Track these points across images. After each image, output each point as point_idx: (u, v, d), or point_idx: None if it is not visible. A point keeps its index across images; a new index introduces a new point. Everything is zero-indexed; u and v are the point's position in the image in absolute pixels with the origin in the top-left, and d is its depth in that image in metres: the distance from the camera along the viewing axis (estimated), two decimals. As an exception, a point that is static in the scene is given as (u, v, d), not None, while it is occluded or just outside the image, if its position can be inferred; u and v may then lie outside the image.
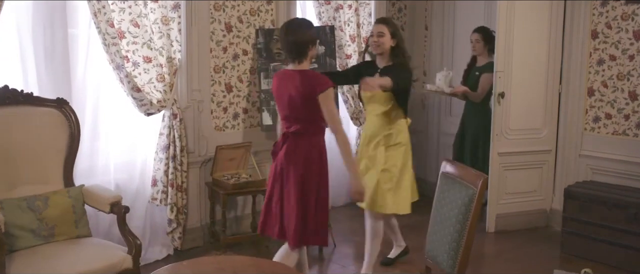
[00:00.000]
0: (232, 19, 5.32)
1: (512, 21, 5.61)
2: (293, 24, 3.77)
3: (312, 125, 3.67)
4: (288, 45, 3.64)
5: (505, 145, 5.72)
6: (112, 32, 4.40)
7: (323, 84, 3.58)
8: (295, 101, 3.62)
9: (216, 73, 5.29)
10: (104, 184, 4.58)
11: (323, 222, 3.69)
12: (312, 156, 3.68)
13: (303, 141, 3.68)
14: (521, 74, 5.69)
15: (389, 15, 6.62)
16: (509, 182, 5.82)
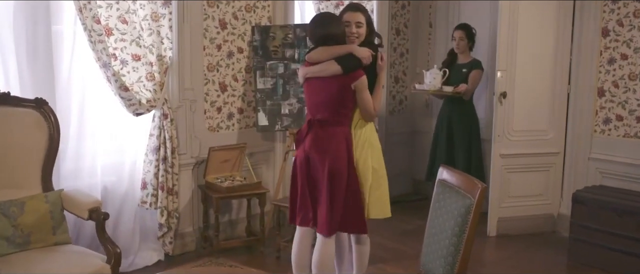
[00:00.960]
0: (226, 15, 5.12)
1: (515, 19, 5.46)
2: (326, 18, 3.84)
3: (339, 115, 3.68)
4: (324, 38, 3.68)
5: (507, 146, 5.57)
6: (98, 29, 4.22)
7: (359, 73, 3.64)
8: (330, 88, 3.64)
9: (210, 72, 5.10)
10: (91, 186, 4.43)
11: (356, 209, 3.68)
12: (339, 145, 3.67)
13: (330, 129, 3.69)
14: (525, 73, 5.54)
15: (392, 12, 6.42)
16: (512, 185, 5.67)
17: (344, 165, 3.62)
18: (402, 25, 6.54)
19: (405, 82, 6.65)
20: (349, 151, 3.68)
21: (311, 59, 3.73)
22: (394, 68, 6.52)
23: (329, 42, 3.65)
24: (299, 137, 3.82)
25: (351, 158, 3.69)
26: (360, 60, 3.67)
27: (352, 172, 3.67)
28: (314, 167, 3.68)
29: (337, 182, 3.61)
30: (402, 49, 6.58)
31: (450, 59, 5.91)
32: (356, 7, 3.95)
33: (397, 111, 6.67)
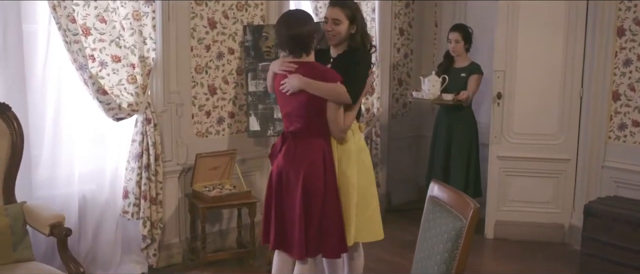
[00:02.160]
0: (216, 14, 4.84)
1: (515, 17, 5.25)
2: (293, 16, 3.44)
3: (315, 125, 3.35)
4: (292, 39, 3.28)
5: (506, 149, 5.44)
6: (74, 29, 3.96)
7: (333, 77, 3.29)
8: (299, 97, 3.29)
9: (198, 74, 4.82)
10: (68, 195, 4.19)
11: (333, 230, 3.35)
12: (314, 159, 3.34)
13: (303, 142, 3.36)
14: (527, 74, 5.33)
15: (396, 11, 6.11)
16: (512, 189, 5.49)
17: (320, 182, 3.30)
18: (406, 24, 6.22)
19: (409, 84, 6.34)
20: (327, 165, 3.34)
21: (286, 85, 3.33)
22: (398, 70, 6.21)
23: (296, 45, 3.28)
24: (273, 152, 3.50)
25: (330, 173, 3.35)
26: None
27: (330, 188, 3.34)
28: (288, 185, 3.36)
29: (312, 201, 3.28)
30: (406, 49, 6.27)
31: (447, 62, 5.55)
32: (336, 2, 3.61)
33: (401, 114, 6.36)
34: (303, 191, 3.28)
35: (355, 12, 3.59)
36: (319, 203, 3.29)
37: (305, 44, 3.29)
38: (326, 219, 3.32)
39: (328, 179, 3.34)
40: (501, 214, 5.53)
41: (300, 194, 3.28)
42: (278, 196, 3.40)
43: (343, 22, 3.55)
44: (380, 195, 5.89)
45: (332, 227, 3.33)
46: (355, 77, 3.47)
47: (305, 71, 3.28)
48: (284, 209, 3.39)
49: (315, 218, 3.29)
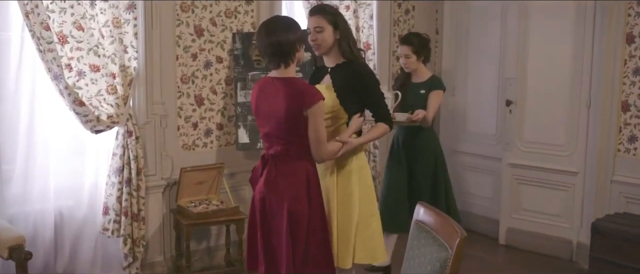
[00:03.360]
0: (203, 21, 4.62)
1: (526, 22, 5.03)
2: (274, 22, 3.15)
3: (296, 146, 3.07)
4: (270, 47, 3.03)
5: (518, 156, 5.30)
6: (48, 37, 3.75)
7: (313, 96, 3.00)
8: (277, 116, 3.03)
9: (184, 84, 4.60)
10: (42, 212, 3.99)
11: (319, 254, 3.13)
12: (297, 184, 3.08)
13: (285, 166, 3.10)
14: (537, 81, 5.14)
15: (395, 18, 5.86)
16: (524, 197, 5.33)
17: (304, 207, 3.05)
18: (406, 31, 5.96)
19: (409, 93, 6.08)
20: (311, 188, 3.09)
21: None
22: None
23: (273, 54, 3.02)
24: (254, 176, 3.25)
25: (315, 197, 3.10)
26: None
27: (315, 213, 3.09)
28: (271, 212, 3.11)
29: (298, 228, 3.03)
30: (406, 57, 6.01)
31: (404, 76, 4.71)
32: (315, 10, 3.44)
33: (401, 124, 6.09)
34: (289, 219, 3.04)
35: (336, 16, 3.41)
36: (304, 229, 3.05)
37: (284, 53, 3.03)
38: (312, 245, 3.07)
39: (313, 203, 3.09)
40: (514, 221, 5.39)
41: (287, 223, 3.04)
42: (264, 222, 3.16)
43: (325, 28, 3.36)
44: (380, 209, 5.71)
45: (317, 252, 3.10)
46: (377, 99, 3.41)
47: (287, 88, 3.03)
48: (271, 236, 3.15)
49: (301, 245, 3.05)
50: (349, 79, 3.36)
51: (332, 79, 3.42)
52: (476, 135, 5.77)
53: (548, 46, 5.05)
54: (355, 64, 3.42)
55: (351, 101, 3.36)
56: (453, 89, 5.90)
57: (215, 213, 4.38)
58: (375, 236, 3.44)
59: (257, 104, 3.17)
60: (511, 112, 5.28)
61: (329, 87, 3.40)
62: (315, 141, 3.02)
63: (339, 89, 3.36)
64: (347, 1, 5.26)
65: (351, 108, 3.37)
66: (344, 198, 3.33)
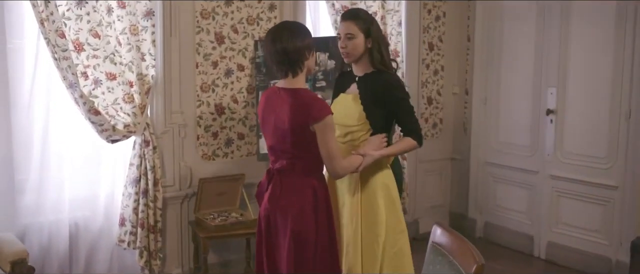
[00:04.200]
0: (224, 28, 4.51)
1: (566, 27, 4.83)
2: (281, 28, 2.98)
3: (303, 161, 2.90)
4: (276, 55, 2.87)
5: (557, 168, 5.10)
6: (63, 44, 3.68)
7: (320, 110, 2.81)
8: (282, 129, 2.87)
9: (204, 92, 4.49)
10: (56, 223, 3.93)
11: None
12: (303, 201, 2.90)
13: (290, 182, 2.93)
14: (578, 91, 4.92)
15: (425, 25, 5.67)
16: (564, 211, 5.10)
17: (311, 226, 2.88)
18: (436, 39, 5.78)
19: (439, 102, 5.88)
20: (318, 207, 2.92)
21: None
22: (427, 87, 5.77)
23: (280, 63, 2.86)
24: (260, 191, 3.09)
25: (322, 216, 2.93)
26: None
27: (322, 233, 2.91)
28: (276, 230, 2.95)
29: (305, 249, 2.86)
30: (436, 65, 5.82)
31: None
32: (347, 15, 3.27)
33: (431, 135, 5.89)
34: (292, 239, 2.87)
35: (370, 24, 3.24)
36: (310, 252, 2.89)
37: (291, 61, 2.86)
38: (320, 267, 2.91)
39: (320, 222, 2.92)
40: (553, 235, 5.17)
41: (289, 243, 2.88)
42: (268, 240, 3.02)
43: (357, 36, 3.21)
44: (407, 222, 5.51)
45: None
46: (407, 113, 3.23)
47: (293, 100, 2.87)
48: (275, 257, 3.00)
49: (307, 266, 2.88)
50: (378, 90, 3.20)
51: (359, 89, 3.26)
52: (509, 146, 5.53)
53: (588, 51, 4.82)
54: (386, 75, 3.25)
55: (378, 114, 3.20)
56: (485, 98, 5.68)
57: (234, 226, 4.25)
58: (403, 253, 3.28)
59: (263, 115, 3.03)
60: (552, 121, 5.08)
61: (356, 97, 3.24)
62: (327, 157, 2.85)
63: (366, 101, 3.21)
64: (375, 7, 5.10)
65: (377, 122, 3.21)
66: (369, 216, 3.19)
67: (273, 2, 4.72)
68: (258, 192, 3.14)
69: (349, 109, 3.23)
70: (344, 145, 3.25)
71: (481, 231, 5.77)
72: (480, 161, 5.77)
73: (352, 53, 3.22)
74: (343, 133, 3.26)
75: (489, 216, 5.72)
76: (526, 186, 5.40)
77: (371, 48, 3.23)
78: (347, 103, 3.26)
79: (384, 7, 5.17)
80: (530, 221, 5.35)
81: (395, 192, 3.30)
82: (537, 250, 5.27)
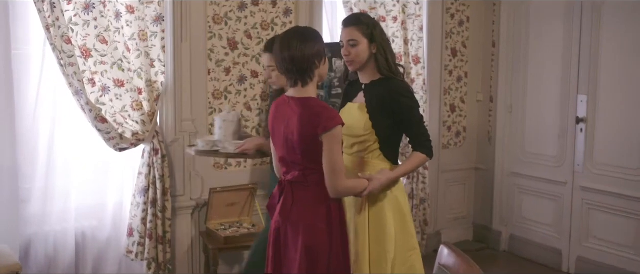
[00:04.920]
0: (237, 34, 4.39)
1: (597, 31, 4.63)
2: (290, 34, 2.81)
3: (315, 173, 2.73)
4: (284, 63, 2.72)
5: (588, 179, 4.86)
6: (69, 50, 3.60)
7: (329, 119, 2.65)
8: (292, 140, 2.72)
9: (216, 99, 4.37)
10: (63, 232, 3.86)
11: None
12: (315, 215, 2.75)
13: (302, 194, 2.77)
14: (611, 96, 4.71)
15: (447, 30, 5.49)
16: (595, 225, 4.85)
17: (324, 240, 2.72)
18: (459, 44, 5.59)
19: (463, 110, 5.68)
20: (332, 221, 2.76)
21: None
22: (450, 94, 5.58)
23: (289, 70, 2.71)
24: (271, 202, 2.94)
25: (336, 231, 2.77)
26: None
27: (335, 247, 2.75)
28: (286, 244, 2.80)
29: (317, 265, 2.70)
30: (459, 72, 5.63)
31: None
32: (348, 21, 3.10)
33: (454, 144, 5.70)
34: (304, 253, 2.72)
35: (373, 28, 3.05)
36: (324, 265, 2.73)
37: (299, 69, 2.70)
38: None
39: (334, 237, 2.76)
40: (583, 250, 4.93)
41: (301, 258, 2.72)
42: (276, 255, 2.87)
43: (361, 42, 3.03)
44: (429, 234, 5.33)
45: None
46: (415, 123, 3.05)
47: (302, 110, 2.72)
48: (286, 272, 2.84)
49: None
50: (385, 98, 3.02)
51: (366, 98, 3.10)
52: (536, 156, 5.31)
53: (622, 54, 4.60)
54: (394, 82, 3.07)
55: (385, 123, 3.02)
56: (510, 106, 5.47)
57: (245, 237, 4.12)
58: (415, 272, 3.09)
59: (273, 125, 2.89)
60: (582, 131, 4.86)
61: (362, 107, 3.08)
62: (330, 171, 2.67)
63: (373, 109, 3.04)
64: (395, 12, 4.94)
65: (384, 131, 3.03)
66: (378, 235, 3.01)
67: (288, 7, 4.59)
68: (270, 204, 3.00)
69: (355, 118, 3.07)
70: (351, 157, 3.10)
71: (506, 244, 5.55)
72: (506, 171, 5.56)
73: (356, 60, 3.06)
74: (350, 144, 3.10)
75: (514, 228, 5.50)
76: (554, 198, 5.17)
77: (376, 54, 3.06)
78: (353, 112, 3.10)
79: (404, 12, 5.00)
80: (558, 234, 5.13)
81: (406, 206, 3.13)
82: (566, 265, 5.03)
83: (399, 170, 3.02)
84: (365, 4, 4.78)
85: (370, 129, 3.03)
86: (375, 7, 4.84)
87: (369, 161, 3.07)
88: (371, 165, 3.06)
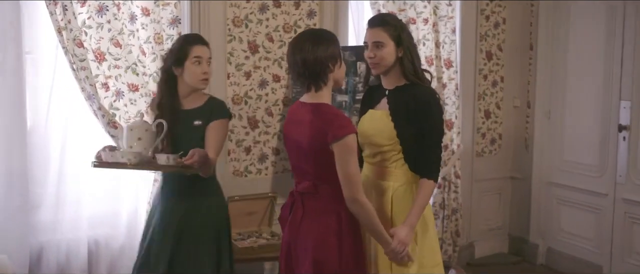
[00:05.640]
0: (258, 36, 4.25)
1: None
2: (303, 36, 2.67)
3: (327, 185, 2.59)
4: (296, 67, 2.59)
5: (631, 191, 4.58)
6: (80, 54, 3.51)
7: (340, 127, 2.49)
8: (303, 148, 2.59)
9: (236, 105, 4.24)
10: (75, 241, 3.77)
11: None
12: (326, 228, 2.60)
13: (313, 206, 2.64)
14: None
15: (482, 32, 5.24)
16: (637, 240, 4.59)
17: (333, 256, 2.56)
18: (495, 47, 5.33)
19: (498, 116, 5.43)
20: (343, 236, 2.60)
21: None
22: (484, 100, 5.33)
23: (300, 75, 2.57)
24: (283, 215, 2.80)
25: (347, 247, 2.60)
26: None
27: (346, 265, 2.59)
28: (296, 260, 2.66)
29: None
30: (495, 76, 5.37)
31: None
32: (375, 21, 2.92)
33: (489, 152, 5.44)
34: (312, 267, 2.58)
35: (401, 31, 2.85)
36: None
37: (312, 73, 2.56)
38: None
39: (344, 253, 2.60)
40: (626, 266, 4.65)
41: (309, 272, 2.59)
42: (288, 270, 2.76)
43: (387, 44, 2.84)
44: (461, 245, 5.09)
45: None
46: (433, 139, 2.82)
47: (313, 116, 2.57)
48: None
49: None
50: (410, 105, 2.82)
51: (390, 104, 2.90)
52: (575, 165, 5.02)
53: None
54: (420, 88, 2.86)
55: (410, 133, 2.81)
56: (548, 112, 5.20)
57: (262, 248, 3.96)
58: None
59: (286, 132, 2.75)
60: (625, 139, 4.58)
61: (386, 114, 2.88)
62: (345, 181, 2.51)
63: (397, 117, 2.84)
64: (426, 13, 4.72)
65: (408, 141, 2.82)
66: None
67: (312, 8, 4.43)
68: (281, 216, 2.86)
69: (379, 126, 2.87)
70: (373, 166, 2.93)
71: (543, 257, 5.28)
72: (543, 181, 5.28)
73: (381, 63, 2.87)
74: (372, 153, 2.92)
75: (552, 241, 5.22)
76: (594, 210, 4.88)
77: (402, 58, 2.87)
78: (376, 120, 2.91)
79: (436, 13, 4.79)
80: (598, 249, 4.84)
81: (431, 221, 2.93)
82: (610, 283, 4.74)
83: (417, 211, 2.77)
84: (393, 5, 4.59)
85: (395, 139, 2.83)
86: (405, 8, 4.64)
87: (392, 171, 2.87)
88: (394, 175, 2.87)
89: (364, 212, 2.56)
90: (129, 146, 2.97)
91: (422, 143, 2.79)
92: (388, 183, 2.84)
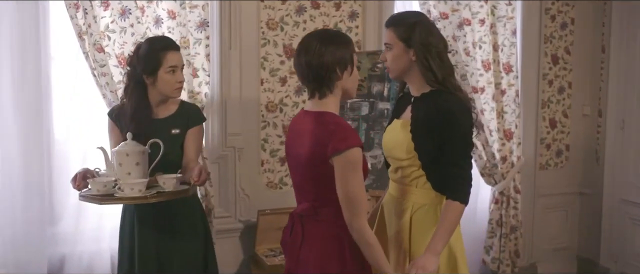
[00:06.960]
0: (294, 40, 4.01)
1: None
2: (312, 37, 2.38)
3: (327, 205, 2.32)
4: (300, 69, 2.34)
5: None
6: (101, 60, 3.39)
7: (342, 140, 2.20)
8: (302, 162, 2.33)
9: (270, 112, 4.01)
10: (96, 253, 3.65)
11: None
12: (327, 255, 2.33)
13: (312, 230, 2.37)
14: None
15: (547, 33, 4.80)
16: None
17: None
18: (561, 50, 4.87)
19: (565, 126, 4.96)
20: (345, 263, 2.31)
21: None
22: (549, 108, 4.87)
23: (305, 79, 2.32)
24: (284, 238, 2.53)
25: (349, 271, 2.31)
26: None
27: None
28: None
29: None
30: (561, 82, 4.90)
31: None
32: (388, 21, 2.61)
33: (554, 164, 4.98)
34: None
35: (411, 29, 2.50)
36: None
37: (317, 78, 2.28)
38: None
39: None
40: None
41: None
42: None
43: (395, 46, 2.54)
44: (521, 266, 4.66)
45: None
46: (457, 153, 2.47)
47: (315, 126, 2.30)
48: None
49: None
50: (432, 114, 2.49)
51: (412, 113, 2.58)
52: (653, 181, 4.51)
53: None
54: (444, 95, 2.50)
55: (429, 146, 2.48)
56: (622, 121, 4.69)
57: (292, 266, 3.71)
58: None
59: (287, 144, 2.48)
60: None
61: (406, 124, 2.57)
62: (345, 201, 2.22)
63: (417, 128, 2.52)
64: (483, 13, 4.35)
65: (427, 156, 2.49)
66: None
67: (354, 9, 4.15)
68: (282, 240, 2.60)
69: (397, 138, 2.57)
70: (395, 184, 2.62)
71: (615, 283, 4.78)
72: (616, 198, 4.78)
73: (392, 68, 2.57)
74: (394, 168, 2.63)
75: (626, 266, 4.71)
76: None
77: (416, 62, 2.53)
78: (397, 130, 2.60)
79: (493, 13, 4.41)
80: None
81: (459, 247, 2.57)
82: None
83: (442, 236, 2.42)
84: (446, 5, 4.24)
85: (413, 152, 2.51)
86: (458, 8, 4.29)
87: (413, 189, 2.56)
88: (414, 194, 2.55)
89: (362, 241, 2.25)
90: (127, 173, 2.67)
91: (444, 158, 2.45)
92: (407, 203, 2.53)
